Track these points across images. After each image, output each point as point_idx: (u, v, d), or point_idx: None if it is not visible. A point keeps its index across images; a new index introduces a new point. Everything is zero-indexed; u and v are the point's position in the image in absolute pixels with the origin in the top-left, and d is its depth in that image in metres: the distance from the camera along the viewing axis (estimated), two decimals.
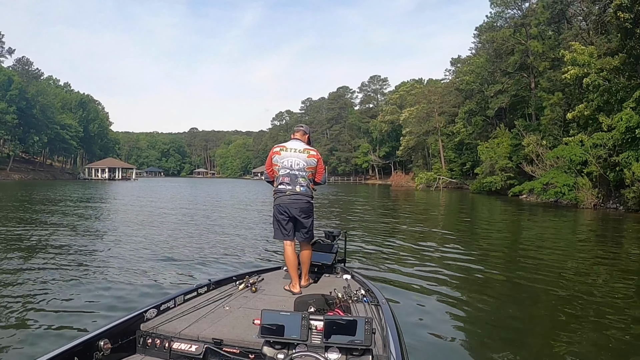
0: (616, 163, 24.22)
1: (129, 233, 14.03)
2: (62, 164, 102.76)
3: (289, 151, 4.87)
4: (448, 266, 9.68)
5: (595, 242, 14.79)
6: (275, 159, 4.89)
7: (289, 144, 4.94)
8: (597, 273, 9.51)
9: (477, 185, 48.10)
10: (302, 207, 4.85)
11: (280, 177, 4.84)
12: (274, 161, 4.90)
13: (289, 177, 4.82)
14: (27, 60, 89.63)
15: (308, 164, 4.86)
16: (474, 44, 63.71)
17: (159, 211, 22.32)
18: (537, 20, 43.32)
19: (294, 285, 4.63)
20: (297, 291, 4.52)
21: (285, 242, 4.87)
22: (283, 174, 4.83)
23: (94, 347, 3.03)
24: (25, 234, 13.01)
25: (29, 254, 10.07)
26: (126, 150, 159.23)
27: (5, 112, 74.19)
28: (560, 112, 36.16)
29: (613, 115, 25.46)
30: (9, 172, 76.06)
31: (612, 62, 26.69)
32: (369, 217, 22.34)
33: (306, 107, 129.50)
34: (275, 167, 4.88)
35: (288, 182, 4.82)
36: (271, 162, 4.94)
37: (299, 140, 4.99)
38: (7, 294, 6.86)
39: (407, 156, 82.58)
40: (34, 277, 7.88)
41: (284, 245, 4.90)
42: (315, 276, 5.14)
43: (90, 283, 7.64)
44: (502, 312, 6.78)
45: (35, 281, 7.63)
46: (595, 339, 5.57)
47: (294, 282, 4.66)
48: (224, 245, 11.93)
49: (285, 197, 4.81)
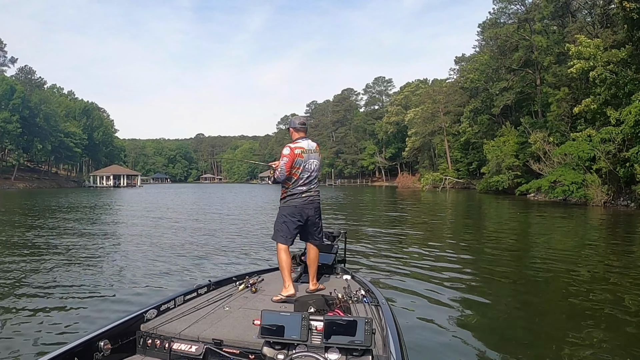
0: (626, 158, 23.47)
1: (129, 236, 14.39)
2: (68, 172, 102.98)
3: (308, 153, 4.78)
4: (451, 267, 9.50)
5: (606, 241, 14.23)
6: (298, 162, 4.72)
7: (305, 145, 4.79)
8: (608, 273, 9.05)
9: (484, 184, 47.37)
10: (317, 207, 4.89)
11: (300, 180, 4.74)
12: (296, 164, 4.71)
13: (308, 179, 4.78)
14: (30, 69, 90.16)
15: (320, 162, 4.94)
16: (477, 41, 62.97)
17: (157, 214, 21.96)
18: (540, 15, 42.55)
19: (287, 289, 4.45)
20: (292, 293, 4.36)
21: (282, 245, 4.72)
22: (305, 176, 4.75)
23: (94, 347, 3.06)
24: (26, 239, 13.24)
25: (30, 257, 10.21)
26: (132, 157, 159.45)
27: (8, 121, 74.32)
28: (566, 107, 35.39)
29: (621, 109, 24.72)
30: (14, 180, 76.21)
31: (618, 55, 25.95)
32: (371, 218, 22.06)
33: (311, 110, 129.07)
34: (297, 170, 4.72)
35: (307, 184, 4.78)
36: (292, 164, 4.70)
37: (307, 139, 4.88)
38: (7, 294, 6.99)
39: (413, 157, 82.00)
40: (34, 277, 8.09)
41: (279, 248, 4.72)
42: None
43: (90, 283, 7.77)
44: (506, 313, 6.68)
45: (35, 282, 7.79)
46: (606, 342, 5.35)
47: (289, 285, 4.49)
48: (224, 246, 12.01)
49: (302, 199, 4.76)
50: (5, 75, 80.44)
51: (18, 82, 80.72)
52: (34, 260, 9.85)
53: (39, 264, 9.41)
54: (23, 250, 11.29)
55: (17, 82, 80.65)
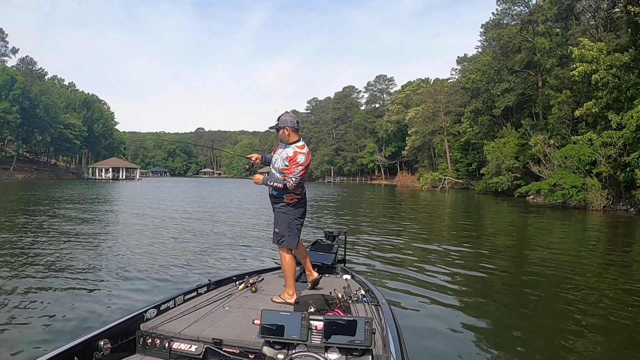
0: (627, 163, 23.33)
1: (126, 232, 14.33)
2: (67, 164, 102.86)
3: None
4: (450, 267, 9.50)
5: (605, 245, 14.20)
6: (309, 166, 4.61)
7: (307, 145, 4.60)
8: (606, 278, 9.05)
9: (483, 185, 47.34)
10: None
11: (305, 182, 4.62)
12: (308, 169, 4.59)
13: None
14: (31, 59, 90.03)
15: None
16: (480, 42, 62.80)
17: (153, 211, 21.85)
18: (544, 17, 42.43)
19: (290, 295, 4.33)
20: (295, 300, 4.17)
21: (291, 250, 4.58)
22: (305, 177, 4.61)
23: (93, 347, 3.04)
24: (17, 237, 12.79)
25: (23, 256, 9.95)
26: (132, 150, 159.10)
27: (8, 111, 74.16)
28: (568, 110, 35.30)
29: (623, 113, 24.62)
30: (12, 171, 76.09)
31: (621, 59, 25.81)
32: (370, 217, 21.93)
33: (312, 107, 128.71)
34: (306, 174, 4.57)
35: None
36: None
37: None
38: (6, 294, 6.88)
39: (412, 156, 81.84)
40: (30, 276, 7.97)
41: (287, 254, 4.53)
42: None
43: (90, 282, 7.67)
44: (505, 314, 6.69)
45: (32, 280, 7.67)
46: (604, 345, 5.40)
47: (293, 292, 4.36)
48: (224, 245, 11.93)
49: (306, 200, 4.72)
50: (6, 66, 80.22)
51: (19, 73, 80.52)
52: (31, 257, 9.71)
53: (36, 261, 9.28)
54: (20, 247, 11.11)
55: (17, 72, 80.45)
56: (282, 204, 4.54)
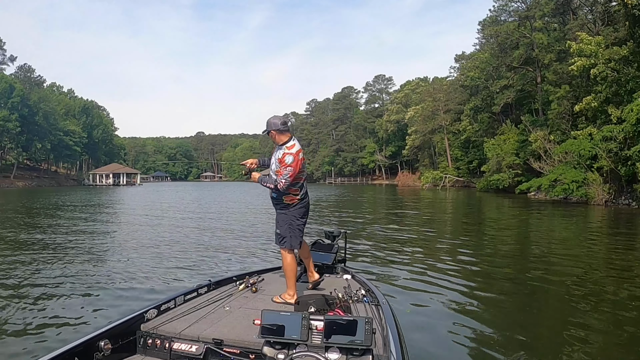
0: (628, 157, 23.19)
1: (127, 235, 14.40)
2: (67, 171, 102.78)
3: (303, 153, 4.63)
4: (452, 266, 9.41)
5: (607, 240, 14.06)
6: (303, 166, 4.59)
7: (299, 145, 4.54)
8: (608, 273, 9.03)
9: (484, 183, 47.15)
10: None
11: (303, 183, 4.62)
12: (303, 168, 4.56)
13: (305, 179, 4.67)
14: (29, 67, 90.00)
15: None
16: (478, 39, 62.72)
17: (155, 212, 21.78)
18: (541, 12, 42.35)
19: (291, 295, 4.34)
20: (296, 300, 4.13)
21: (293, 251, 4.61)
22: (304, 177, 4.63)
23: (94, 347, 3.05)
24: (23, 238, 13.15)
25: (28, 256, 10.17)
26: (133, 155, 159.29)
27: (8, 119, 74.16)
28: (567, 105, 35.16)
29: (623, 107, 24.50)
30: (13, 179, 76.05)
31: (620, 52, 25.76)
32: (371, 216, 21.86)
33: (311, 109, 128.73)
34: (302, 173, 4.56)
35: (305, 184, 4.66)
36: (300, 171, 4.50)
37: (294, 137, 4.60)
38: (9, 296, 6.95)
39: (413, 155, 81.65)
40: (32, 278, 8.06)
41: (289, 255, 4.55)
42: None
43: (90, 284, 7.72)
44: (506, 312, 6.63)
45: (34, 282, 7.74)
46: (607, 342, 5.34)
47: (294, 293, 4.37)
48: (224, 246, 11.93)
49: (307, 200, 4.70)
50: (4, 74, 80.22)
51: (17, 81, 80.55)
52: (33, 260, 9.77)
53: (38, 264, 9.33)
54: (22, 250, 11.19)
55: (16, 80, 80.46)
56: (282, 205, 4.62)
